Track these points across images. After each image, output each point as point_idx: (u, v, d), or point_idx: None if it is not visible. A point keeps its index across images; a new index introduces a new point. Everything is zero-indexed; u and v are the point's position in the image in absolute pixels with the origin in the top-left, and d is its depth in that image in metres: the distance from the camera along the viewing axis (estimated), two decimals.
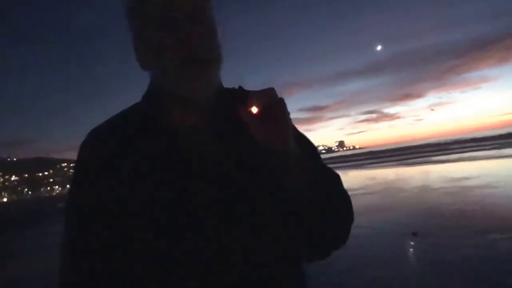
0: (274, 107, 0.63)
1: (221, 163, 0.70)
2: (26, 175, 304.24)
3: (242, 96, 0.65)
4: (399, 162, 28.20)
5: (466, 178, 11.56)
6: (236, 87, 0.80)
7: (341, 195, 0.78)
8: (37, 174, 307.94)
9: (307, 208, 0.69)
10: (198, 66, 0.68)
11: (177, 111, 0.72)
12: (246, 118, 0.64)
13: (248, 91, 0.68)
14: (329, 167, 0.80)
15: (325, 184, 0.73)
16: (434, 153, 33.18)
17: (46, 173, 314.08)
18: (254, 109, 0.64)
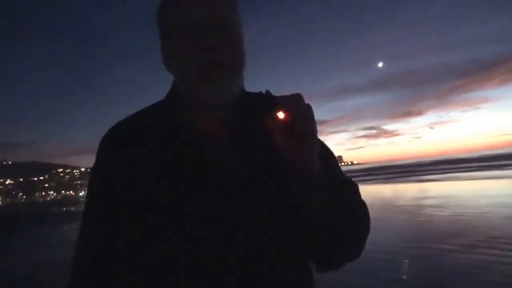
0: (303, 113, 0.62)
1: (235, 172, 0.71)
2: (21, 179, 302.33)
3: (268, 101, 0.63)
4: (385, 180, 29.14)
5: (428, 198, 12.63)
6: (263, 91, 0.80)
7: (359, 206, 0.77)
8: (32, 178, 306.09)
9: (325, 220, 0.68)
10: (217, 73, 0.69)
11: (196, 115, 0.74)
12: (271, 124, 0.62)
13: (276, 96, 0.66)
14: (348, 177, 0.81)
15: (343, 195, 0.73)
16: (421, 172, 34.12)
17: (41, 177, 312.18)
18: (281, 114, 0.61)
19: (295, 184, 0.67)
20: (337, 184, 0.73)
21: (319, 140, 0.80)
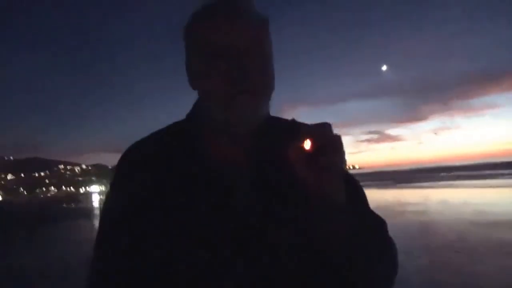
0: (330, 144, 0.58)
1: (250, 197, 0.69)
2: (23, 175, 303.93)
3: (293, 129, 0.60)
4: (381, 185, 29.51)
5: (412, 204, 13.05)
6: (289, 118, 0.73)
7: (386, 245, 0.73)
8: (33, 174, 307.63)
9: (344, 259, 0.64)
10: (243, 100, 0.66)
11: (219, 138, 0.72)
12: (295, 154, 0.59)
13: (301, 124, 0.62)
14: (375, 214, 0.76)
15: (368, 235, 0.67)
16: (418, 179, 34.38)
17: (42, 173, 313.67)
18: (307, 144, 0.57)
19: (318, 215, 0.64)
20: (364, 220, 0.70)
21: (348, 173, 0.78)
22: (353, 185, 0.77)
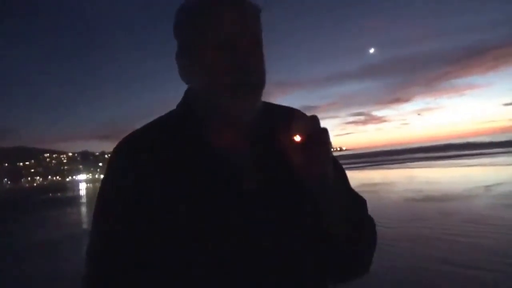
0: (318, 136, 0.65)
1: (253, 181, 0.71)
2: (6, 164, 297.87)
3: (285, 116, 0.67)
4: (364, 166, 30.84)
5: (376, 184, 14.15)
6: (274, 101, 0.77)
7: (367, 221, 0.80)
8: (18, 163, 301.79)
9: (337, 235, 0.71)
10: (249, 91, 0.69)
11: (216, 127, 0.73)
12: (288, 144, 0.66)
13: (294, 110, 0.70)
14: (357, 193, 0.82)
15: (353, 211, 0.75)
16: (395, 160, 35.80)
17: (27, 163, 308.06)
18: (297, 138, 0.64)
19: (310, 192, 0.70)
20: (351, 198, 0.79)
21: (334, 157, 0.80)
22: (338, 167, 0.82)
